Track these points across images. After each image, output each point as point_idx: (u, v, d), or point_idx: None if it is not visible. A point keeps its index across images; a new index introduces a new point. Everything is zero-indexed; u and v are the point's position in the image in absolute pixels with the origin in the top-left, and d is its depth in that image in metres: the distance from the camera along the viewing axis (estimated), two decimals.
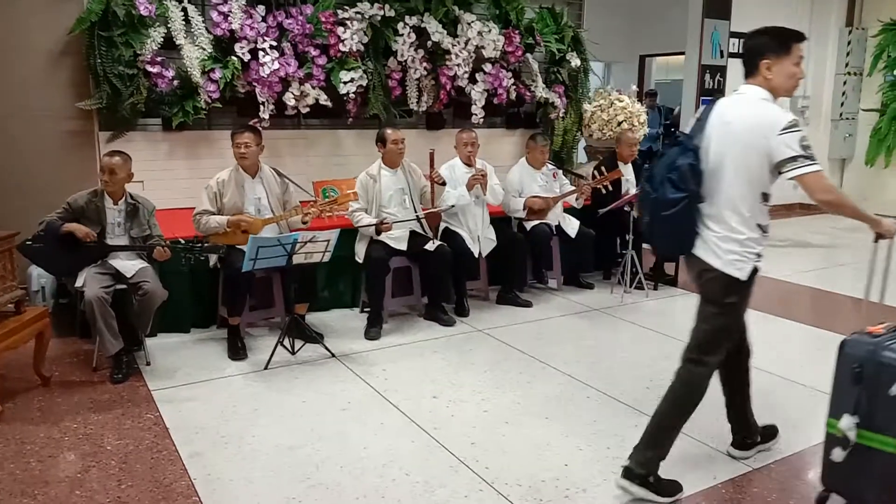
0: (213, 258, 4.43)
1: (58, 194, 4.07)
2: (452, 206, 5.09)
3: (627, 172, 5.94)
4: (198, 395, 3.74)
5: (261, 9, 5.09)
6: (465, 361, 4.27)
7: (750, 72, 2.63)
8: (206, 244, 4.07)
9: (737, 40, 8.81)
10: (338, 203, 4.53)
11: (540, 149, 5.65)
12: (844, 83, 9.64)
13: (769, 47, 2.57)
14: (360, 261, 4.85)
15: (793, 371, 4.11)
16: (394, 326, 4.90)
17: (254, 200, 4.48)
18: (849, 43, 9.54)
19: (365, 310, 5.03)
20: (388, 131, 4.91)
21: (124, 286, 4.01)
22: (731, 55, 8.74)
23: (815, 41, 9.69)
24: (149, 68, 4.79)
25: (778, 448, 3.22)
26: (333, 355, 4.29)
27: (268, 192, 4.50)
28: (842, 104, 9.68)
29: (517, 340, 4.61)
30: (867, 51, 9.61)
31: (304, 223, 4.52)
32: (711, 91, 8.63)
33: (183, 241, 4.05)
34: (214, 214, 4.36)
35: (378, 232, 4.74)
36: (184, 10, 4.89)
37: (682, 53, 8.81)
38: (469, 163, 5.27)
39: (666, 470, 2.91)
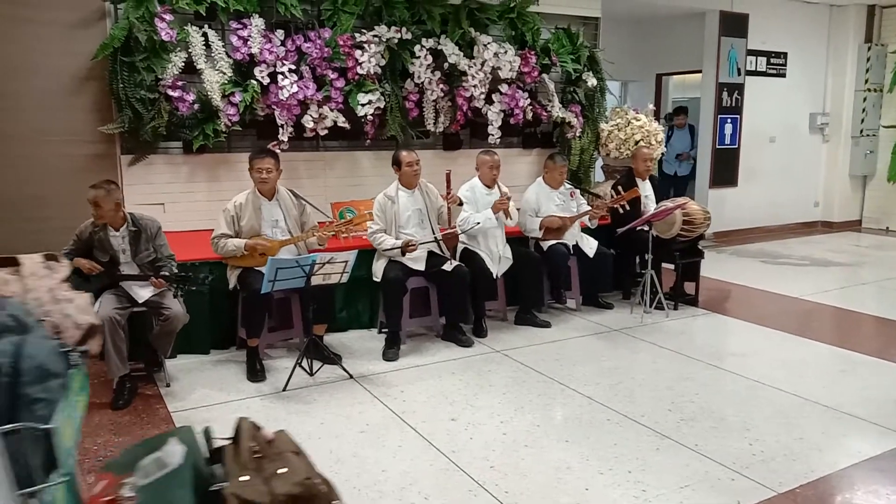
0: (232, 280, 4.46)
1: (79, 218, 4.12)
2: (478, 223, 5.06)
3: (645, 189, 5.91)
4: (216, 417, 3.74)
5: (280, 33, 5.16)
6: (484, 383, 4.25)
7: None
8: (192, 276, 3.98)
9: (754, 58, 8.80)
10: (354, 224, 4.55)
11: (559, 169, 5.64)
12: (864, 99, 9.56)
13: None
14: (378, 279, 4.85)
15: (815, 392, 4.04)
16: (412, 347, 4.89)
17: (271, 222, 4.51)
18: (868, 59, 9.48)
19: (383, 330, 5.03)
20: (403, 153, 4.93)
21: (143, 309, 4.04)
22: (749, 73, 8.73)
23: (833, 57, 9.64)
24: (170, 92, 4.86)
25: (803, 471, 3.15)
26: (351, 376, 4.28)
27: (285, 213, 4.53)
28: (862, 121, 9.60)
29: (536, 361, 4.58)
30: (887, 67, 9.53)
31: (321, 244, 4.54)
32: (729, 109, 8.61)
33: (176, 272, 4.03)
34: (232, 238, 4.39)
35: (403, 253, 4.75)
36: (204, 35, 4.97)
37: (699, 72, 8.80)
38: (491, 185, 5.27)
39: (687, 494, 2.87)
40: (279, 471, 1.65)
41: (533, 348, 4.88)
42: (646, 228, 5.48)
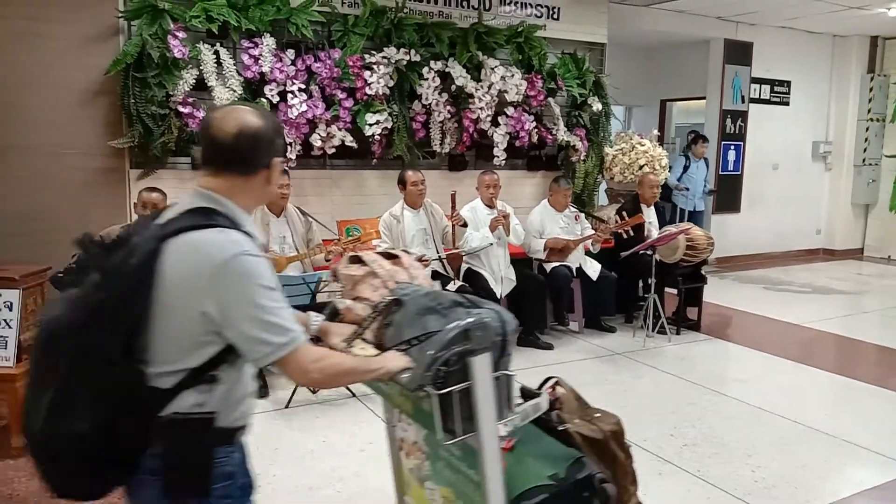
0: None
1: (88, 230, 4.14)
2: (478, 247, 5.11)
3: (650, 215, 5.95)
4: None
5: (290, 52, 5.22)
6: None
7: None
8: None
9: (758, 86, 8.89)
10: (360, 241, 4.58)
11: (563, 192, 5.69)
12: (867, 129, 9.63)
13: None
14: None
15: (817, 419, 4.03)
16: None
17: (279, 239, 4.54)
18: (871, 89, 9.56)
19: None
20: (409, 173, 4.99)
21: None
22: (753, 100, 8.80)
23: (836, 87, 9.73)
24: (180, 108, 4.91)
25: (805, 499, 3.15)
26: (354, 395, 4.29)
27: (292, 230, 4.57)
28: (864, 150, 9.66)
29: (538, 384, 4.57)
30: (889, 97, 9.61)
31: (328, 261, 4.57)
32: (732, 136, 8.68)
33: None
34: None
35: None
36: (216, 53, 5.04)
37: (703, 98, 8.88)
38: (491, 204, 5.32)
39: None
40: (595, 415, 2.23)
41: (535, 370, 4.88)
42: (649, 253, 5.51)
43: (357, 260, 2.13)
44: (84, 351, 1.41)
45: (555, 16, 6.66)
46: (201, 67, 4.98)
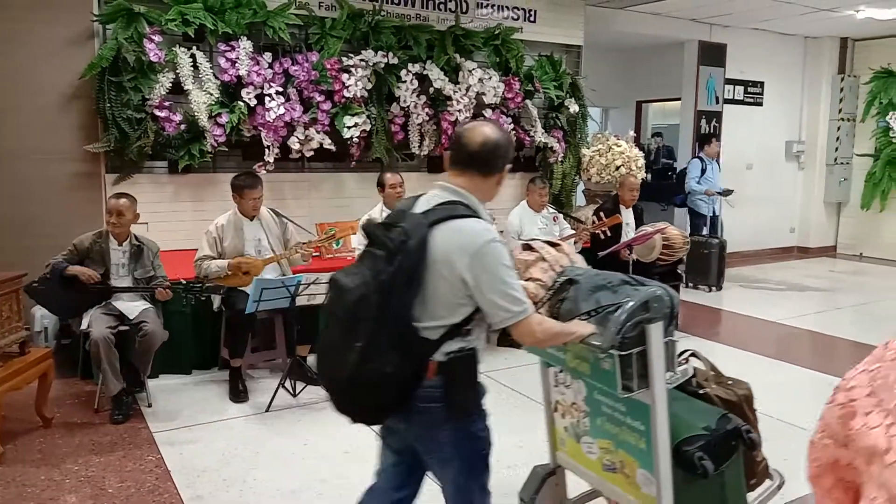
0: (216, 300, 4.46)
1: (64, 236, 4.12)
2: None
3: (627, 217, 6.00)
4: (199, 438, 3.73)
5: (268, 56, 5.22)
6: None
7: None
8: (206, 285, 4.11)
9: (732, 87, 9.01)
10: (337, 237, 4.62)
11: (538, 191, 5.74)
12: (838, 129, 9.80)
13: None
14: None
15: (795, 415, 4.10)
16: None
17: (254, 242, 4.53)
18: (842, 90, 9.73)
19: None
20: (387, 175, 5.02)
21: (127, 327, 4.04)
22: (727, 101, 8.92)
23: (808, 88, 9.89)
24: (156, 112, 4.89)
25: (787, 493, 3.20)
26: None
27: (267, 232, 4.56)
28: (836, 149, 9.83)
29: (518, 383, 4.61)
30: (860, 97, 9.79)
31: (305, 261, 4.57)
32: (707, 136, 8.78)
33: (184, 282, 4.09)
34: (215, 259, 4.40)
35: None
36: (192, 56, 5.01)
37: (678, 99, 8.98)
38: None
39: None
40: (728, 382, 2.52)
41: (516, 370, 4.91)
42: (627, 252, 5.56)
43: (528, 247, 2.56)
44: (386, 311, 1.84)
45: (531, 18, 6.71)
46: (178, 71, 4.96)
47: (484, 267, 1.88)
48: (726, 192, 7.94)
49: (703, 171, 7.90)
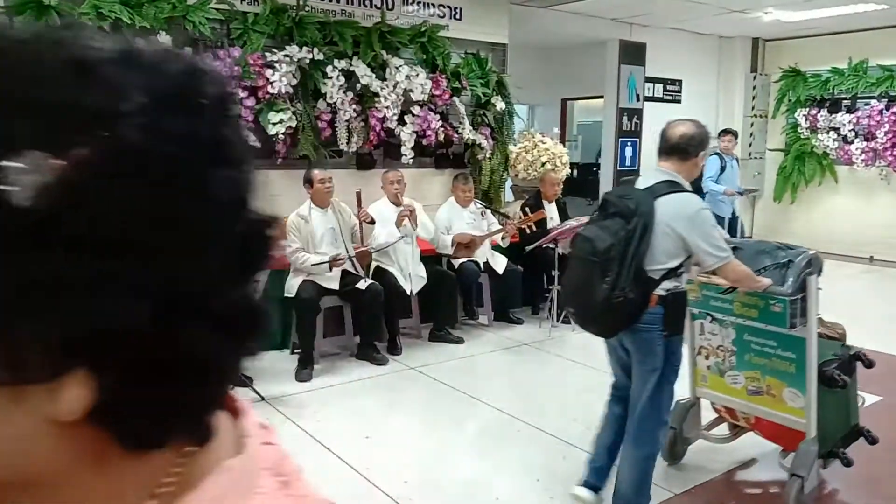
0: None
1: None
2: (385, 243, 5.15)
3: (551, 211, 6.15)
4: None
5: (188, 51, 5.08)
6: (398, 400, 4.29)
7: None
8: None
9: (652, 85, 9.31)
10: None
11: (461, 188, 5.84)
12: (752, 125, 10.26)
13: None
14: (291, 295, 4.80)
15: None
16: (326, 367, 4.88)
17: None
18: (754, 87, 10.19)
19: (296, 351, 5.00)
20: (315, 172, 4.97)
21: None
22: (647, 99, 9.21)
23: (723, 85, 10.32)
24: None
25: (700, 476, 3.36)
26: (263, 399, 4.23)
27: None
28: (750, 144, 10.28)
29: (449, 377, 4.67)
30: (771, 95, 10.28)
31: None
32: (629, 133, 9.05)
33: None
34: None
35: (331, 268, 4.76)
36: None
37: (601, 97, 9.22)
38: (396, 201, 5.36)
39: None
40: (828, 324, 3.29)
41: (446, 364, 4.97)
42: (552, 246, 5.69)
43: None
44: (626, 257, 2.55)
45: (457, 16, 6.76)
46: None
47: (697, 226, 2.60)
48: (748, 192, 7.55)
49: (723, 168, 7.47)
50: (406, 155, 6.15)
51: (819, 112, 9.53)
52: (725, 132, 7.83)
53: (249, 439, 0.51)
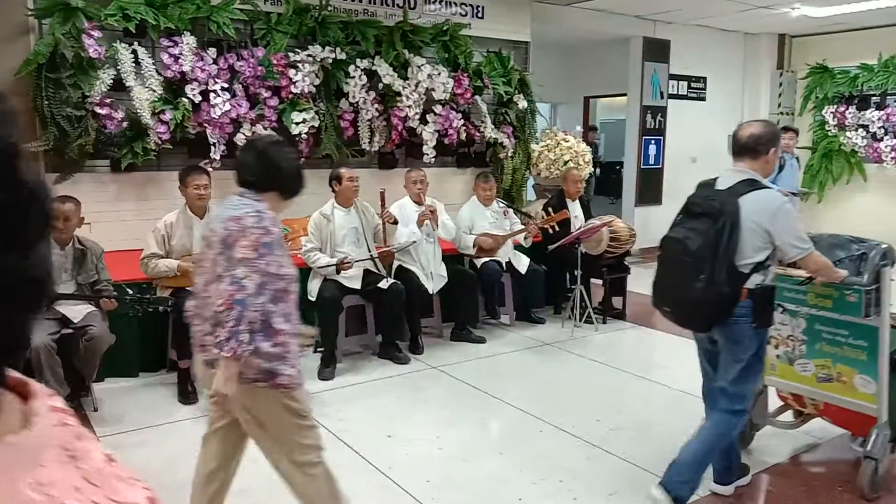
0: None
1: None
2: (406, 242, 5.14)
3: (575, 209, 6.11)
4: (147, 441, 3.67)
5: (212, 51, 5.13)
6: (420, 399, 4.29)
7: None
8: (153, 297, 4.03)
9: (676, 82, 9.21)
10: (287, 240, 4.57)
11: (482, 186, 5.82)
12: (778, 122, 10.10)
13: None
14: (313, 299, 4.85)
15: None
16: (348, 366, 4.89)
17: (202, 242, 4.46)
18: (780, 84, 10.04)
19: (318, 350, 5.02)
20: (343, 170, 4.97)
21: (70, 331, 3.93)
22: (671, 96, 9.12)
23: (749, 82, 10.18)
24: (97, 110, 4.76)
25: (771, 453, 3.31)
26: None
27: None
28: None
29: (471, 377, 4.65)
30: (797, 92, 10.12)
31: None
32: (652, 131, 8.96)
33: (131, 292, 3.98)
34: (163, 258, 4.32)
35: (338, 271, 4.76)
36: (134, 52, 4.90)
37: (625, 95, 9.15)
38: (419, 201, 5.36)
39: (616, 500, 2.97)
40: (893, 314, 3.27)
41: (468, 363, 4.96)
42: (575, 245, 5.66)
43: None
44: (717, 254, 2.71)
45: (479, 14, 6.75)
46: (119, 67, 4.84)
47: (781, 220, 2.74)
48: (801, 193, 7.13)
49: (781, 167, 6.54)
50: (428, 154, 6.15)
51: (847, 109, 9.35)
52: (785, 129, 6.90)
53: (39, 418, 0.53)
